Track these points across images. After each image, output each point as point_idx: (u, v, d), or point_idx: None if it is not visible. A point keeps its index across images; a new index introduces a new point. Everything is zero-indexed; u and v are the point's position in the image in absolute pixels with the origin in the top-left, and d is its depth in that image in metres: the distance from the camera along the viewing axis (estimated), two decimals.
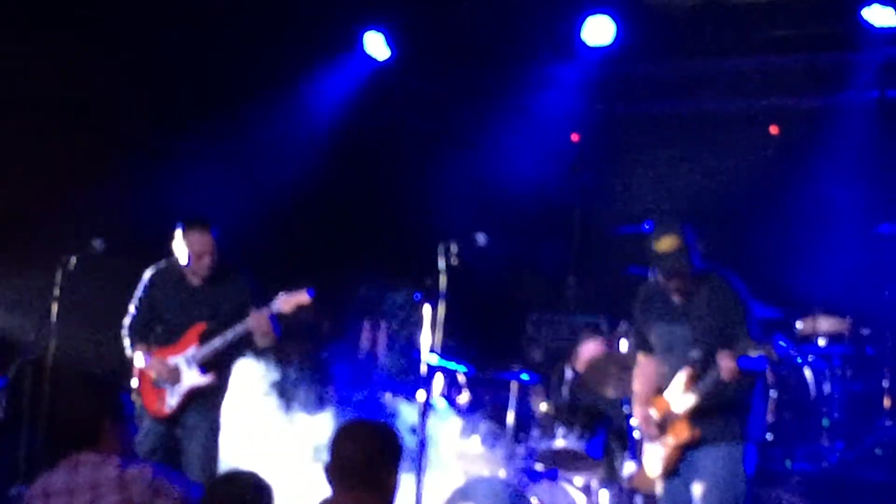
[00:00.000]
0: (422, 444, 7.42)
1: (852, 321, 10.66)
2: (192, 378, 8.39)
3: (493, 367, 9.94)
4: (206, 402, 8.46)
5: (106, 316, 9.24)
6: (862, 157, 11.39)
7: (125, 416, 5.52)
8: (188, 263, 8.47)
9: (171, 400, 8.40)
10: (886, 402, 10.65)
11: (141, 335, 8.59)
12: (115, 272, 9.18)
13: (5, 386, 8.98)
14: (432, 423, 7.75)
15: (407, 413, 9.49)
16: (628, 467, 8.27)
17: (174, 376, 8.38)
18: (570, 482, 8.89)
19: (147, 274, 8.67)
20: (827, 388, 10.39)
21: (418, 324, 7.83)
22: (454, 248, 7.96)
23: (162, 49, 11.07)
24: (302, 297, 8.37)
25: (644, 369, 7.56)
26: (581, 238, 9.59)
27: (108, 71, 10.71)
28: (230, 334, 8.35)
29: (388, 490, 4.77)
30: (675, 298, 7.28)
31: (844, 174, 11.26)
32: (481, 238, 8.26)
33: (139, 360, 8.50)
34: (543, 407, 9.24)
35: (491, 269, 9.58)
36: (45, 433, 8.69)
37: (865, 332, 10.75)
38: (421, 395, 7.71)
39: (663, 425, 7.24)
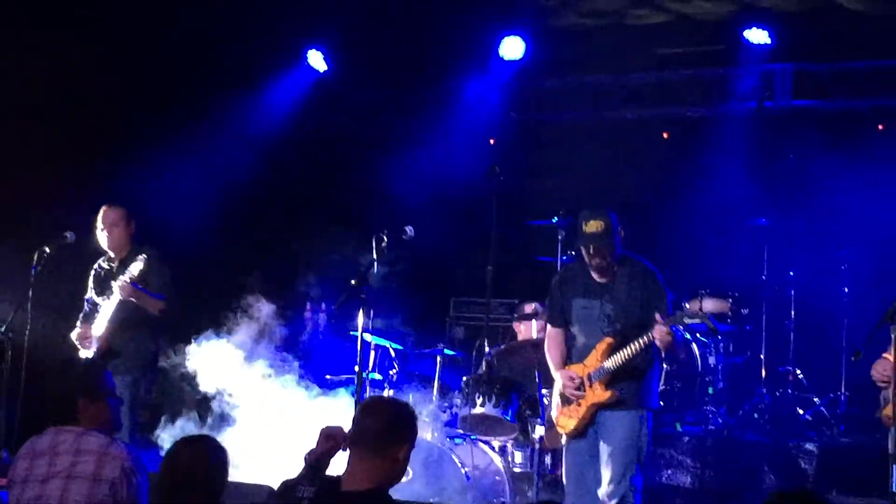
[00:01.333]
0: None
1: (733, 302, 10.71)
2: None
3: (421, 344, 9.94)
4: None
5: (76, 300, 9.06)
6: (740, 160, 11.41)
7: (103, 394, 5.42)
8: (104, 243, 8.62)
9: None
10: (762, 373, 10.73)
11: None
12: (84, 261, 8.99)
13: None
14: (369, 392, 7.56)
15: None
16: (538, 430, 8.20)
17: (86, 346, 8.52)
18: (489, 444, 8.87)
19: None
20: (712, 360, 10.53)
21: (356, 306, 7.67)
22: (385, 239, 7.99)
23: (130, 57, 10.90)
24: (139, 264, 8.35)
25: (555, 339, 7.55)
26: (497, 231, 9.48)
27: (77, 80, 10.52)
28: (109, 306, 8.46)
29: (396, 459, 4.68)
30: (597, 277, 7.28)
31: (725, 174, 11.28)
32: (409, 230, 8.29)
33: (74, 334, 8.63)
34: (464, 379, 9.18)
35: (418, 257, 9.51)
36: (25, 409, 8.67)
37: (744, 311, 10.81)
38: (357, 369, 7.57)
39: (582, 387, 7.20)
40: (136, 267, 8.31)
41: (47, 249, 8.76)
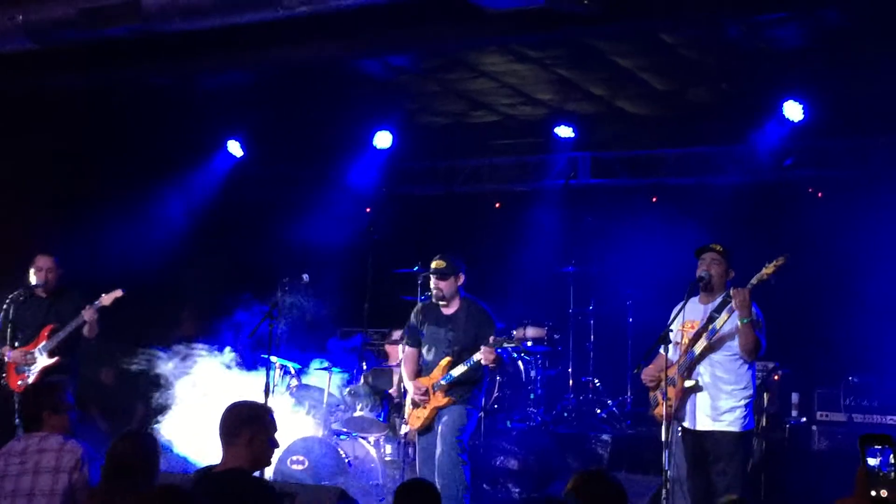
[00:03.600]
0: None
1: (548, 329, 10.78)
2: (43, 361, 8.23)
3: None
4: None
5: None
6: (553, 223, 11.57)
7: (64, 407, 5.36)
8: (37, 282, 8.37)
9: (29, 378, 8.20)
10: (570, 382, 10.90)
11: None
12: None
13: None
14: (271, 400, 7.49)
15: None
16: (403, 428, 8.27)
17: (29, 361, 8.24)
18: (366, 439, 8.92)
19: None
20: (532, 373, 10.58)
21: (265, 333, 7.68)
22: (286, 284, 7.99)
23: (85, 141, 10.83)
24: (117, 293, 8.25)
25: (410, 357, 7.67)
26: (373, 276, 9.54)
27: (40, 167, 10.40)
28: (69, 328, 8.22)
29: (250, 447, 4.59)
30: (443, 311, 7.44)
31: (542, 233, 11.42)
32: (305, 277, 8.55)
33: (6, 353, 8.35)
34: (347, 389, 9.19)
35: (312, 297, 9.48)
36: None
37: (556, 336, 10.94)
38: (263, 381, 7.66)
39: (428, 394, 7.31)
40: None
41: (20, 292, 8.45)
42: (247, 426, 4.60)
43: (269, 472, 7.32)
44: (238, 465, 4.56)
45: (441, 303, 7.43)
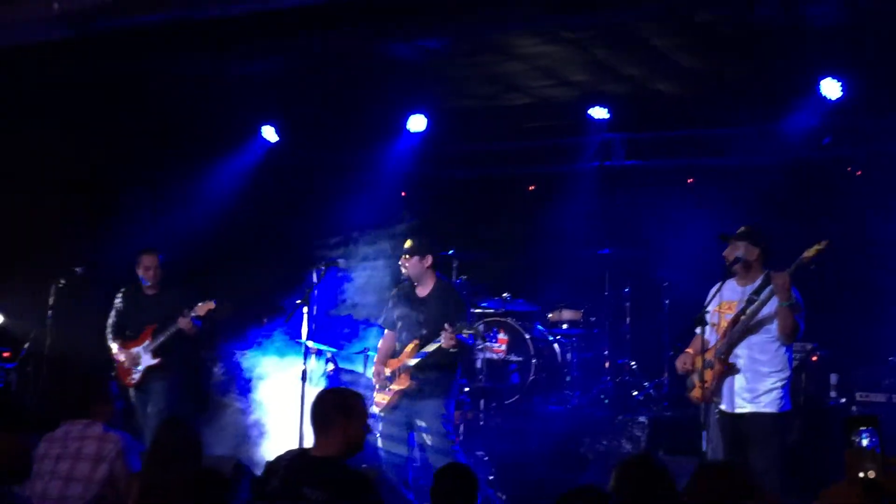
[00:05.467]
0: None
1: (584, 312, 10.75)
2: (147, 360, 8.41)
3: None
4: (159, 375, 8.45)
5: (85, 321, 9.14)
6: (588, 205, 11.50)
7: (109, 397, 5.39)
8: (142, 279, 8.54)
9: (135, 375, 8.41)
10: (606, 365, 10.86)
11: (115, 334, 8.65)
12: (89, 289, 9.07)
13: (15, 367, 9.25)
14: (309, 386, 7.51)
15: None
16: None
17: (136, 361, 8.41)
18: None
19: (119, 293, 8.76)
20: (569, 356, 10.59)
21: (301, 319, 7.72)
22: (323, 269, 7.96)
23: (120, 128, 10.96)
24: (209, 305, 8.44)
25: (386, 339, 7.73)
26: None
27: (75, 156, 10.56)
28: (168, 332, 8.40)
29: (345, 434, 4.69)
30: (418, 292, 7.48)
31: (577, 216, 11.35)
32: (341, 261, 8.43)
33: (115, 350, 8.56)
34: None
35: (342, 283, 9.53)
36: (45, 405, 8.53)
37: (593, 319, 10.92)
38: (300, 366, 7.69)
39: (393, 377, 7.30)
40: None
41: (63, 281, 8.78)
42: (341, 414, 4.71)
43: None
44: (334, 451, 4.66)
45: (416, 284, 7.46)
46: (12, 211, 10.22)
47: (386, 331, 7.69)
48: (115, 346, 8.55)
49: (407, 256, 7.46)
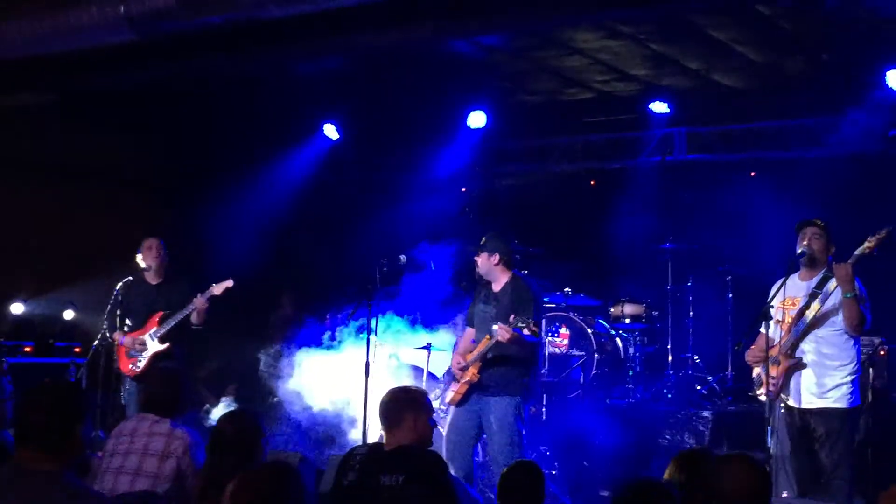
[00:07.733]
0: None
1: (646, 306, 10.67)
2: (154, 346, 8.35)
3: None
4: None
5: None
6: (649, 199, 11.43)
7: (187, 399, 5.59)
8: (145, 264, 8.51)
9: (140, 363, 8.34)
10: (669, 359, 10.79)
11: (114, 326, 8.60)
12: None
13: (85, 363, 9.15)
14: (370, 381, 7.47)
15: None
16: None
17: (142, 347, 8.37)
18: None
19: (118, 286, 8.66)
20: (631, 350, 10.53)
21: (365, 315, 7.72)
22: (384, 265, 7.98)
23: (183, 129, 11.08)
24: (227, 283, 8.36)
25: (465, 335, 7.61)
26: (468, 252, 9.52)
27: (140, 157, 10.69)
28: (180, 315, 8.34)
29: (413, 427, 4.81)
30: (493, 288, 7.35)
31: (639, 211, 11.27)
32: (403, 258, 8.34)
33: (119, 338, 8.51)
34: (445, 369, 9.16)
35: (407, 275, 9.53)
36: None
37: (655, 313, 10.85)
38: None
39: (465, 370, 7.22)
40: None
41: (130, 279, 8.69)
42: (409, 410, 4.83)
43: None
44: (406, 444, 4.76)
45: (490, 281, 7.43)
46: (87, 210, 10.39)
47: (467, 328, 7.68)
48: (117, 336, 8.48)
49: (478, 253, 7.45)
